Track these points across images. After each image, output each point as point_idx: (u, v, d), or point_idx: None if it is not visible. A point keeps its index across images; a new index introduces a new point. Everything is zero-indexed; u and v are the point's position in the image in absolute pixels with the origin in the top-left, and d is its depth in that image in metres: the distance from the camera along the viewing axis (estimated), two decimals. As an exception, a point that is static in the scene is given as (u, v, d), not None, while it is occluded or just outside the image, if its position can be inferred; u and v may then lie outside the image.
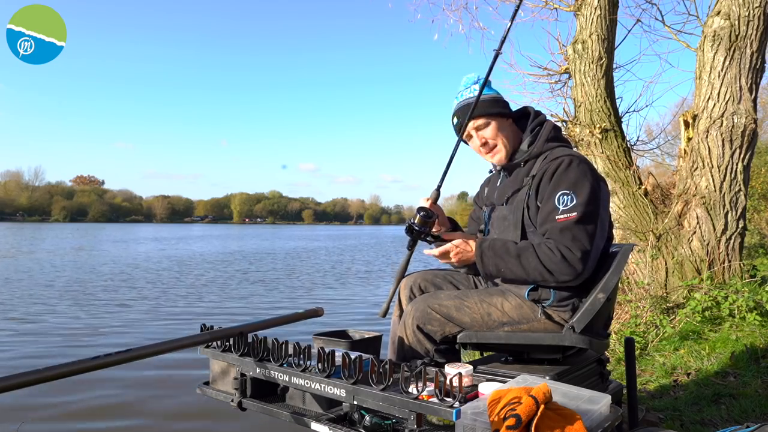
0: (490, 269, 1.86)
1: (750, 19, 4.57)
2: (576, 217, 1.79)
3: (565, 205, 1.81)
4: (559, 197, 1.83)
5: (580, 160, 1.91)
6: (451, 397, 1.37)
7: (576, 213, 1.80)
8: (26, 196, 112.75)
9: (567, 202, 1.81)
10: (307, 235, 52.68)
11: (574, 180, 1.84)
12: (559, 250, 1.76)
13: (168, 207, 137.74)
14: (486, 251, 1.87)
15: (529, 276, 1.81)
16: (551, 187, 1.86)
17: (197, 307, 8.85)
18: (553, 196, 1.84)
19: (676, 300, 4.56)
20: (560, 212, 1.81)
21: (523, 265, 1.80)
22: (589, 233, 1.80)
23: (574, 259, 1.75)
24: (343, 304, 9.61)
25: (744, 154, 4.60)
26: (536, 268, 1.78)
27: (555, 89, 6.66)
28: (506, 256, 1.84)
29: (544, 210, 1.86)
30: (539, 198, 1.89)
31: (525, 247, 1.83)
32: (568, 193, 1.82)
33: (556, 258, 1.76)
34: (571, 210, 1.80)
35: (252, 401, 1.83)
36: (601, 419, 1.27)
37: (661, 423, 2.62)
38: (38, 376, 1.23)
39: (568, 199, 1.82)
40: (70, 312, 8.08)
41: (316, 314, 2.02)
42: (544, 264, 1.77)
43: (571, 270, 1.76)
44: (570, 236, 1.78)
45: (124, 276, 13.19)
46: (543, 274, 1.78)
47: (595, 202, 1.84)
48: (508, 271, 1.83)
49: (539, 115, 2.10)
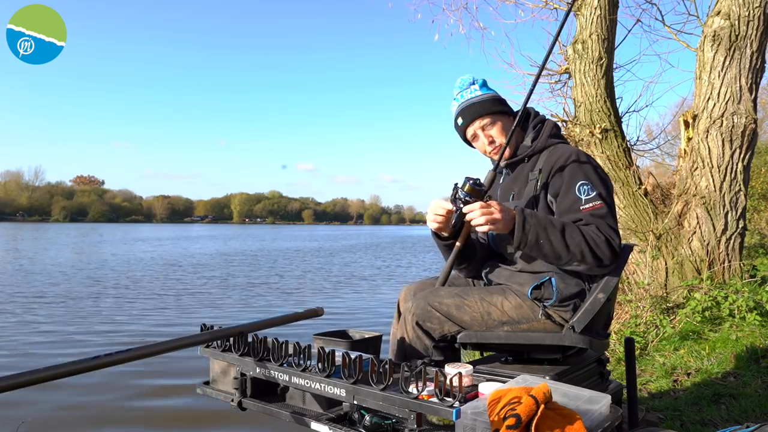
0: (530, 237, 1.72)
1: (750, 19, 4.57)
2: (604, 206, 1.81)
3: (587, 194, 1.82)
4: (580, 187, 1.83)
5: (587, 155, 1.95)
6: (451, 397, 1.37)
7: (601, 202, 1.81)
8: (26, 196, 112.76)
9: (588, 191, 1.82)
10: (307, 236, 52.65)
11: (590, 172, 1.87)
12: (603, 233, 1.75)
13: (168, 207, 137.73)
14: (529, 218, 1.73)
15: (569, 252, 1.72)
16: (568, 178, 1.85)
17: (197, 307, 8.85)
18: (572, 187, 1.83)
19: (676, 300, 4.56)
20: (584, 202, 1.81)
21: (566, 239, 1.72)
22: (616, 223, 1.82)
23: (615, 245, 1.75)
24: (343, 304, 9.61)
25: (744, 154, 4.60)
26: (579, 245, 1.72)
27: (555, 89, 6.67)
28: (550, 226, 1.73)
29: (565, 201, 1.84)
30: (551, 191, 1.89)
31: (568, 223, 1.77)
32: (588, 183, 1.84)
33: (600, 239, 1.73)
34: (595, 199, 1.81)
35: (252, 401, 1.83)
36: (601, 419, 1.27)
37: (661, 423, 2.62)
38: (38, 376, 1.22)
39: (589, 189, 1.83)
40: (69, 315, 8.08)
41: (316, 314, 2.02)
42: (589, 242, 1.72)
43: (611, 254, 1.74)
44: (605, 224, 1.78)
45: (125, 276, 13.19)
46: (584, 254, 1.72)
47: (611, 195, 1.88)
48: (547, 243, 1.72)
49: (539, 114, 2.12)
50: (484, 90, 2.06)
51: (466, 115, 2.04)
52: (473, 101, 2.03)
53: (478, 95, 2.05)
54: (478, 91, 2.05)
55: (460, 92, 2.08)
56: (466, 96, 2.06)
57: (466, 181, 1.78)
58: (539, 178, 1.93)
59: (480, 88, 2.07)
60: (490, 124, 2.02)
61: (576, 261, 1.75)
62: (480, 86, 2.07)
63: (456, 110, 2.09)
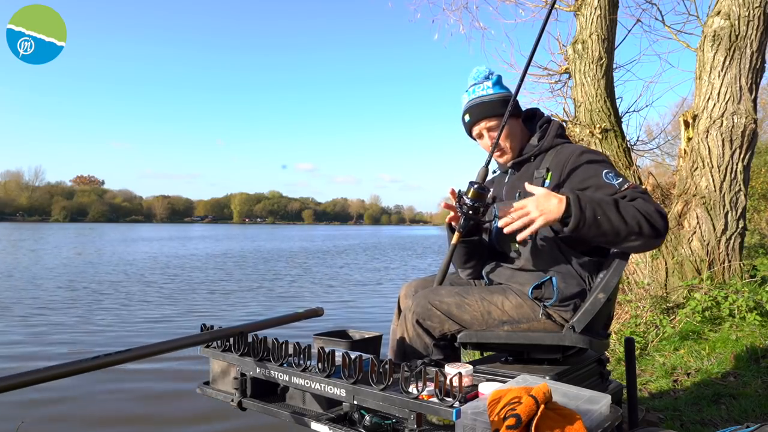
0: (587, 215, 1.67)
1: (750, 19, 4.57)
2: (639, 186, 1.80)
3: (617, 179, 1.82)
4: (606, 175, 1.83)
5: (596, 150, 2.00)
6: (451, 397, 1.37)
7: (634, 183, 1.81)
8: (26, 196, 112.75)
9: (615, 177, 1.83)
10: (307, 236, 52.65)
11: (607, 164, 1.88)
12: (652, 204, 1.73)
13: (168, 207, 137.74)
14: (582, 196, 1.69)
15: (627, 225, 1.68)
16: (593, 170, 1.85)
17: (198, 308, 8.85)
18: (599, 178, 1.83)
19: (676, 300, 4.56)
20: (618, 185, 1.80)
21: (622, 213, 1.68)
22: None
23: (665, 215, 1.73)
24: (343, 304, 9.61)
25: (744, 154, 4.60)
26: (635, 216, 1.68)
27: (555, 89, 6.68)
28: (603, 202, 1.69)
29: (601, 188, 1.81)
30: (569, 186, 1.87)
31: (619, 199, 1.73)
32: (611, 171, 1.85)
33: (651, 209, 1.71)
34: (627, 182, 1.81)
35: (252, 401, 1.83)
36: (601, 419, 1.27)
37: (661, 423, 2.62)
38: (38, 376, 1.22)
39: (614, 175, 1.83)
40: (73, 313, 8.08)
41: (316, 314, 2.02)
42: (643, 213, 1.69)
43: (664, 224, 1.72)
44: (648, 197, 1.76)
45: (125, 278, 13.18)
46: (641, 224, 1.68)
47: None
48: (605, 219, 1.67)
49: (543, 114, 2.13)
50: (497, 89, 2.04)
51: (473, 113, 2.04)
52: (483, 100, 2.02)
53: (489, 94, 2.03)
54: (490, 89, 2.03)
55: (473, 86, 2.07)
56: (478, 92, 2.04)
57: (470, 185, 1.76)
58: (546, 176, 1.93)
59: (493, 86, 2.04)
60: (496, 127, 2.00)
61: (634, 234, 1.69)
62: (493, 84, 2.05)
63: (465, 106, 2.08)
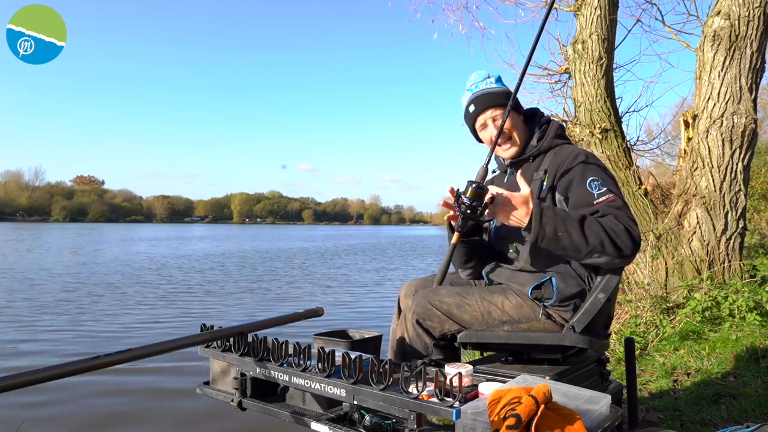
0: (548, 230, 1.68)
1: (750, 19, 4.57)
2: (617, 199, 1.81)
3: (599, 189, 1.82)
4: (591, 183, 1.83)
5: (593, 154, 1.98)
6: (451, 397, 1.37)
7: (614, 195, 1.81)
8: (26, 196, 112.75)
9: (599, 187, 1.82)
10: (307, 236, 52.64)
11: (597, 170, 1.88)
12: (621, 222, 1.72)
13: (168, 207, 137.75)
14: (546, 210, 1.70)
15: (588, 244, 1.68)
16: (578, 176, 1.86)
17: (197, 307, 8.85)
18: (583, 184, 1.84)
19: (676, 300, 4.56)
20: (597, 196, 1.80)
21: (585, 231, 1.68)
22: (632, 215, 1.80)
23: (635, 234, 1.72)
24: (343, 304, 9.61)
25: (744, 154, 4.60)
26: (598, 235, 1.68)
27: (555, 89, 6.68)
28: (568, 219, 1.70)
29: (578, 197, 1.83)
30: (559, 190, 1.89)
31: (585, 215, 1.74)
32: (597, 180, 1.84)
33: (619, 228, 1.70)
34: (608, 193, 1.81)
35: (252, 401, 1.83)
36: (601, 419, 1.27)
37: (661, 423, 2.62)
38: (38, 376, 1.22)
39: (599, 184, 1.83)
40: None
41: (316, 314, 2.02)
42: (608, 232, 1.68)
43: (632, 244, 1.70)
44: (623, 214, 1.76)
45: (126, 278, 13.18)
46: (604, 244, 1.68)
47: (620, 192, 1.89)
48: (566, 235, 1.68)
49: (544, 115, 2.14)
50: (500, 84, 2.09)
51: (479, 103, 2.05)
52: (488, 91, 2.05)
53: (493, 87, 2.07)
54: (494, 84, 2.08)
55: (475, 83, 2.10)
56: (481, 87, 2.08)
57: (469, 185, 1.76)
58: (544, 178, 1.94)
59: (495, 82, 2.09)
60: (501, 117, 2.02)
61: (596, 253, 1.70)
62: (495, 80, 2.10)
63: (469, 98, 2.10)
